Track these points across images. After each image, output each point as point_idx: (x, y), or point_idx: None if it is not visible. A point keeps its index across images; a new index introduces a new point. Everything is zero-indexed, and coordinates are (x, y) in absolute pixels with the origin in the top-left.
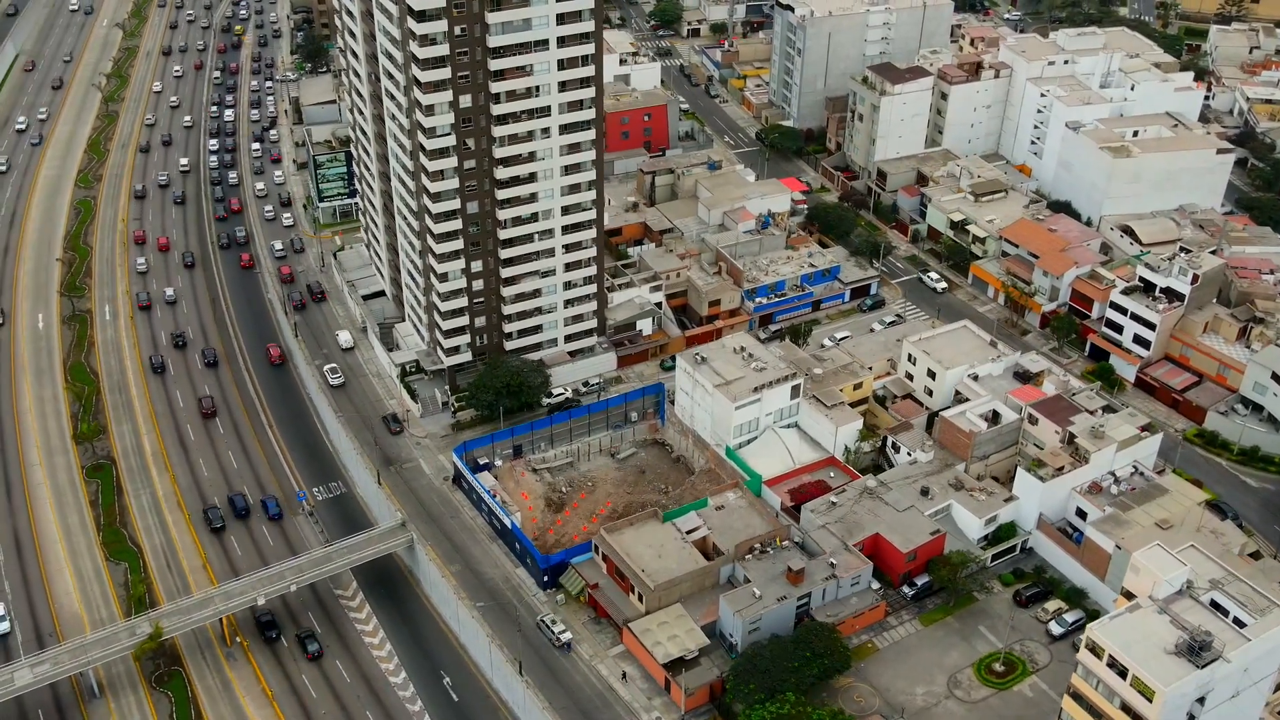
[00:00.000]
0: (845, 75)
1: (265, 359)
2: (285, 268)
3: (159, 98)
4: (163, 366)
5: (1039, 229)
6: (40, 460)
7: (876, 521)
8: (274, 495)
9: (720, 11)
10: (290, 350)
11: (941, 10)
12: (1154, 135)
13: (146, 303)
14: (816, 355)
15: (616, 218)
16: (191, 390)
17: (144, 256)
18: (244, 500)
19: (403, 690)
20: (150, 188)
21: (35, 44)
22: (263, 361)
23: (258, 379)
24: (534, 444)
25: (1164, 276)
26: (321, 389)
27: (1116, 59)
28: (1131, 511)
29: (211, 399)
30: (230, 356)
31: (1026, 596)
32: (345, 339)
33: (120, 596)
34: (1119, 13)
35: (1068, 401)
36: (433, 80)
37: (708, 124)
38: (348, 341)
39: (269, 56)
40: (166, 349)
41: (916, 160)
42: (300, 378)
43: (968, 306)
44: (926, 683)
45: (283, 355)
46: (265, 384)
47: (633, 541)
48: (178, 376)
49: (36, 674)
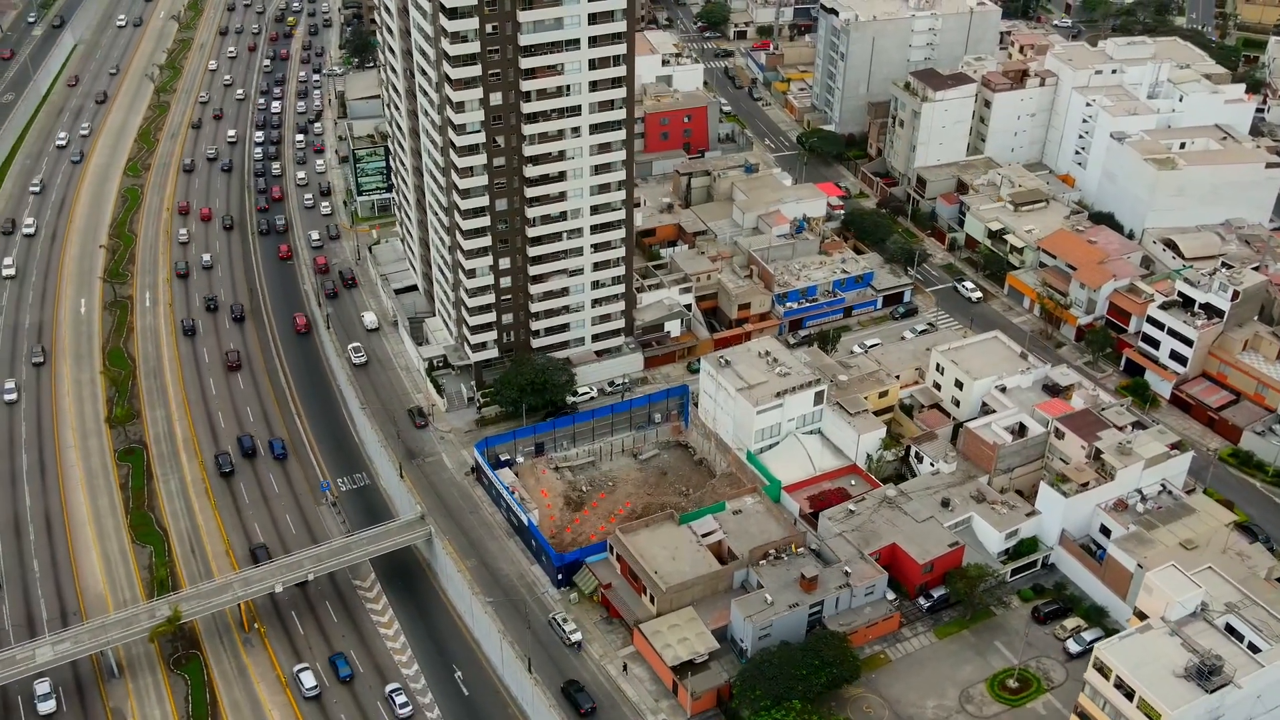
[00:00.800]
0: (888, 80)
1: (292, 328)
2: (321, 258)
3: (213, 75)
4: (193, 329)
5: (1078, 240)
6: (75, 442)
7: (894, 531)
8: (280, 437)
9: (768, 14)
10: (322, 341)
11: (989, 16)
12: (1201, 148)
13: (184, 271)
14: (843, 362)
15: (651, 218)
16: (219, 346)
17: (186, 227)
18: (250, 440)
19: (414, 682)
20: (200, 161)
21: (94, 34)
22: (289, 330)
23: (282, 344)
24: (556, 442)
25: (1204, 292)
26: (350, 381)
27: (1165, 69)
28: (1156, 530)
29: (240, 355)
30: (259, 325)
31: (1045, 613)
32: (370, 320)
33: (144, 579)
34: (1176, 22)
35: (1096, 416)
36: (463, 77)
37: (749, 126)
38: (373, 323)
39: (319, 45)
40: (199, 312)
41: (957, 168)
42: (330, 369)
43: (1002, 317)
44: (938, 696)
45: (309, 325)
46: (289, 349)
47: (647, 543)
48: (205, 333)
49: (57, 651)
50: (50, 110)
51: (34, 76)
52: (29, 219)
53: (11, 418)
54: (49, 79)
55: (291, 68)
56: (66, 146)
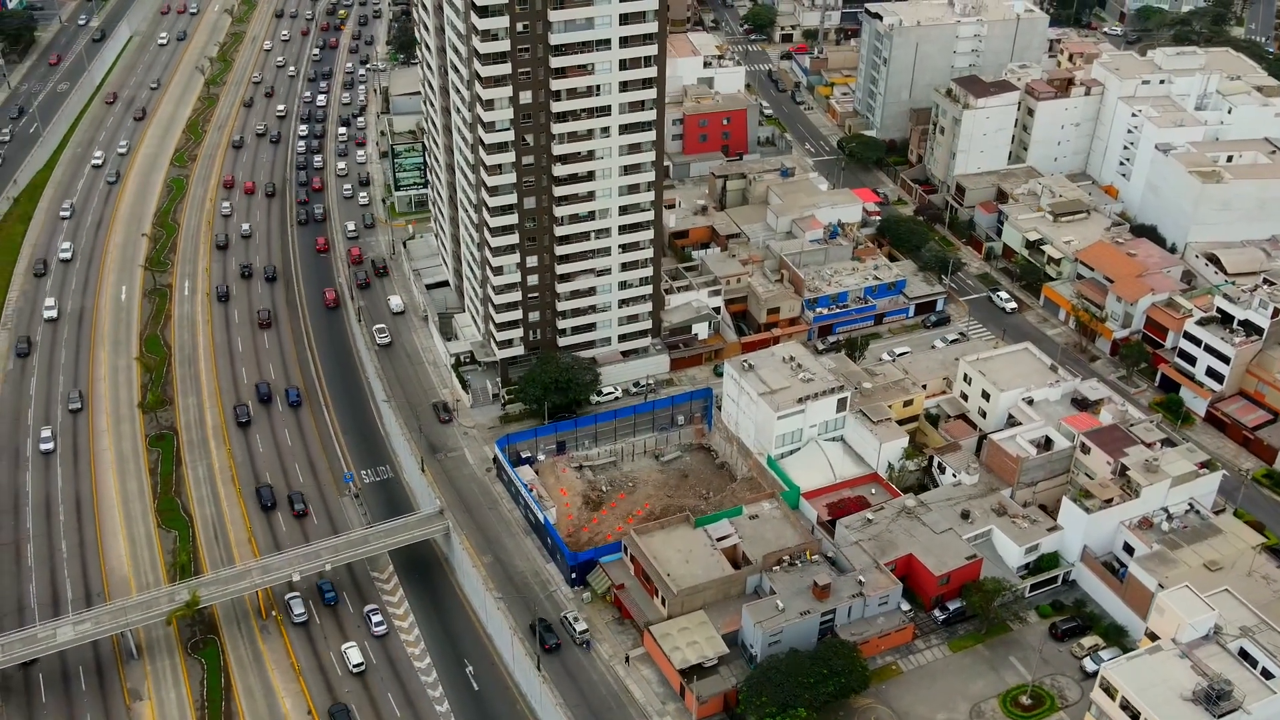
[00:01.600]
0: (931, 86)
1: (321, 302)
2: (355, 249)
3: (266, 55)
4: (227, 295)
5: (1116, 252)
6: (108, 427)
7: (911, 542)
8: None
9: (814, 17)
10: (354, 335)
11: (1036, 24)
12: (1249, 161)
13: (224, 242)
14: (869, 369)
15: (684, 220)
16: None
17: (229, 200)
18: (266, 390)
19: (425, 675)
20: (249, 136)
21: (150, 26)
22: (319, 305)
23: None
24: (578, 441)
25: (1243, 308)
26: (379, 374)
27: (1214, 80)
28: (1180, 550)
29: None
30: (291, 305)
31: (1063, 630)
32: (396, 303)
33: (168, 564)
34: (1233, 33)
35: (1124, 432)
36: (493, 75)
37: (790, 130)
38: (399, 306)
39: (368, 35)
40: (233, 276)
41: (998, 176)
42: (361, 362)
43: (1036, 329)
44: (948, 710)
45: (338, 300)
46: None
47: (661, 545)
48: (237, 297)
49: (78, 631)
50: (101, 103)
51: (88, 67)
52: (65, 207)
53: (49, 402)
54: (103, 70)
55: (339, 59)
56: (112, 138)
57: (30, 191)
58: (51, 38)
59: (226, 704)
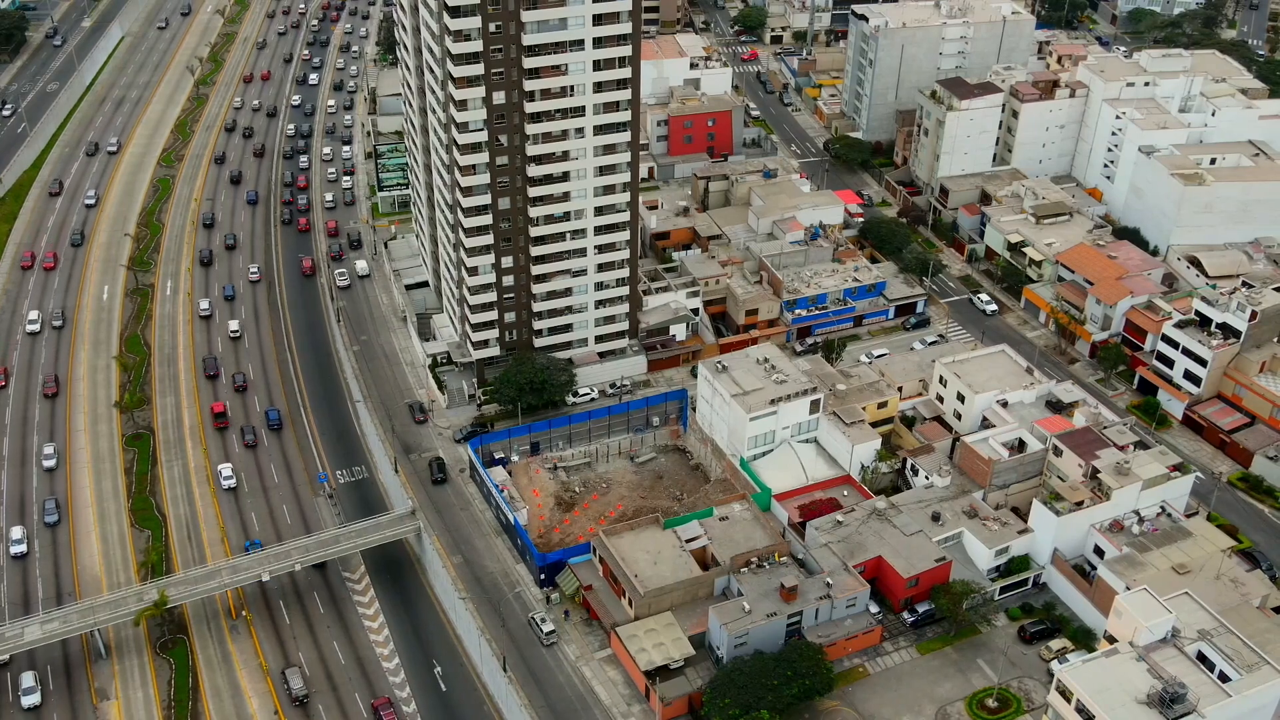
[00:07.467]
0: (918, 88)
1: (299, 271)
2: (331, 222)
3: (260, 51)
4: (210, 260)
5: (1097, 255)
6: (85, 426)
7: (881, 544)
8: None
9: (804, 19)
10: (333, 334)
11: (1022, 26)
12: (1232, 164)
13: (210, 220)
14: (845, 371)
15: (666, 221)
16: None
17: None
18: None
19: (394, 676)
20: (241, 120)
21: (141, 25)
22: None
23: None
24: (553, 442)
25: (1221, 311)
26: (357, 374)
27: (1199, 83)
28: (1149, 553)
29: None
30: (273, 304)
31: (1032, 633)
32: (362, 267)
33: (140, 563)
34: (1225, 35)
35: (1096, 435)
36: (466, 76)
37: (776, 132)
38: (364, 270)
39: (361, 30)
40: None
41: (982, 178)
42: (340, 361)
43: (1015, 331)
44: (914, 712)
45: (313, 268)
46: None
47: (630, 546)
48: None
49: (45, 630)
50: (92, 100)
51: (79, 67)
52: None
53: (27, 401)
54: (94, 70)
55: (330, 55)
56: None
57: (16, 191)
58: (41, 39)
59: (194, 704)
